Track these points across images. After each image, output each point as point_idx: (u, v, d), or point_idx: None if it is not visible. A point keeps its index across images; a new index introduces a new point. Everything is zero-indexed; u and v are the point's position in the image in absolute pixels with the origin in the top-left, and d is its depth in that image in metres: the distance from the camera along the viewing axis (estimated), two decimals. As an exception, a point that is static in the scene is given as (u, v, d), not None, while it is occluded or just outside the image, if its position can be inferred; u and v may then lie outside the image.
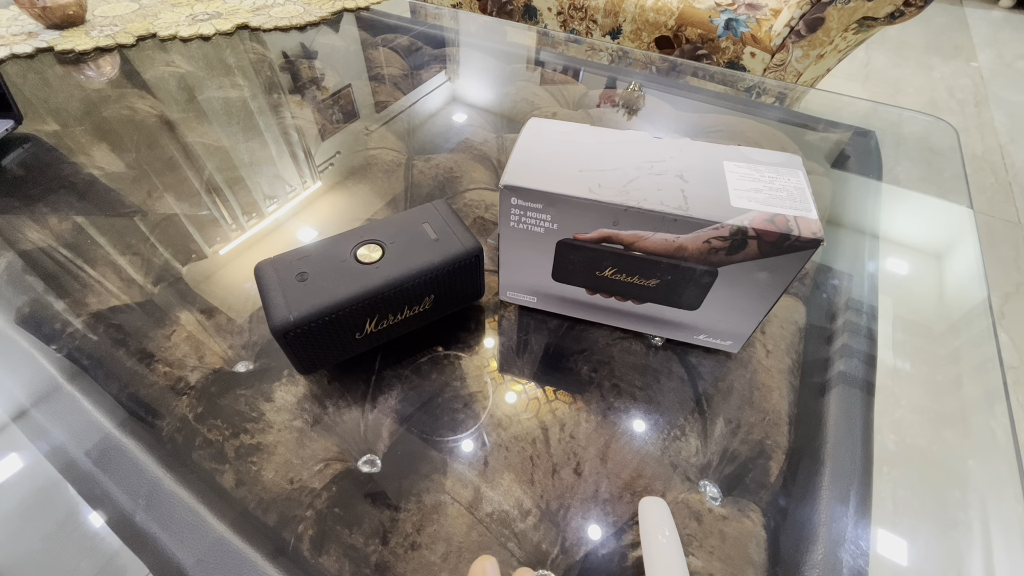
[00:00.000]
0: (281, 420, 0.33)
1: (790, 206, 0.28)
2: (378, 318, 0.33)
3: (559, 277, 0.35)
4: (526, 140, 0.34)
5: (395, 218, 0.36)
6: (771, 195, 0.29)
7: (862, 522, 0.29)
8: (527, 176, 0.31)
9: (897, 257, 0.47)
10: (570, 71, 0.76)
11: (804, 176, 0.31)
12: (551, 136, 0.34)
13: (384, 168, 0.55)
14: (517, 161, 0.32)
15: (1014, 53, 2.29)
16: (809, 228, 0.27)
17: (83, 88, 0.68)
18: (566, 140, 0.34)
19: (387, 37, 0.83)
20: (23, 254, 0.45)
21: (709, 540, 0.28)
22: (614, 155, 0.32)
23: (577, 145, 0.33)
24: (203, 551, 0.28)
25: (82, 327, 0.39)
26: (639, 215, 0.29)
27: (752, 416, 0.34)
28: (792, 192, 0.29)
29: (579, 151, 0.33)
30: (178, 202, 0.50)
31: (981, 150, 1.71)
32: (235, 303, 0.41)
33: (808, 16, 0.96)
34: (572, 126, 0.35)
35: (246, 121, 0.63)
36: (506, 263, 0.36)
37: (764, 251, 0.28)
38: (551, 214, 0.31)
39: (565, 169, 0.31)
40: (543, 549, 0.28)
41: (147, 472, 0.31)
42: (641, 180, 0.30)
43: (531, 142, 0.33)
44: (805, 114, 0.67)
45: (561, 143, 0.33)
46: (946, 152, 0.59)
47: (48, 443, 0.32)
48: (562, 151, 0.33)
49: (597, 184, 0.30)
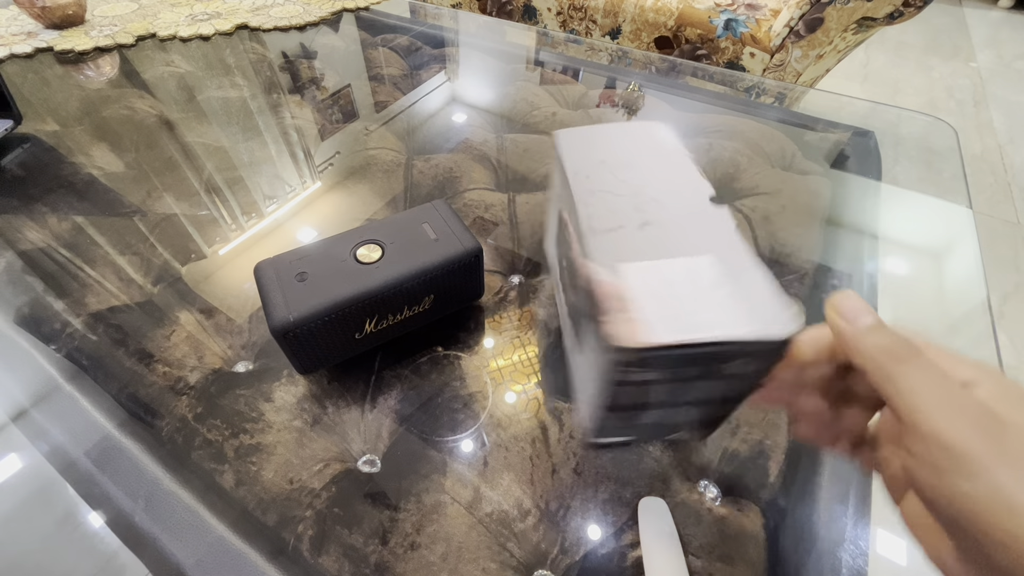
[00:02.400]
0: (281, 420, 0.33)
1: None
2: (378, 318, 0.33)
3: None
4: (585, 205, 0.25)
5: (395, 218, 0.36)
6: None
7: (862, 522, 0.29)
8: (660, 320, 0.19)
9: (896, 257, 0.47)
10: (570, 71, 0.76)
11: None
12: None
13: (384, 168, 0.55)
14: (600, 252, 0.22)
15: (1013, 53, 2.29)
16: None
17: (82, 88, 0.68)
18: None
19: (387, 37, 0.83)
20: (23, 254, 0.44)
21: (709, 540, 0.28)
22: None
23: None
24: (203, 551, 0.28)
25: (81, 327, 0.39)
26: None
27: (752, 416, 0.34)
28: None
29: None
30: (177, 202, 0.50)
31: (980, 150, 1.71)
32: (235, 303, 0.41)
33: (807, 16, 0.96)
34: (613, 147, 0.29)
35: (246, 121, 0.63)
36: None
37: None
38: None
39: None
40: (543, 549, 0.28)
41: (147, 472, 0.31)
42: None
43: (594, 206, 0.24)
44: (804, 114, 0.67)
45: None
46: (945, 152, 0.59)
47: (48, 443, 0.32)
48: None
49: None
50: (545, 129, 0.62)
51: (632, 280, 0.21)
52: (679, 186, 0.27)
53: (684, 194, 0.26)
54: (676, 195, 0.26)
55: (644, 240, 0.23)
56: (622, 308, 0.20)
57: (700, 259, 0.22)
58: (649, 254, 0.22)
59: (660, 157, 0.29)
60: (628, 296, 0.20)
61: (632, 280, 0.21)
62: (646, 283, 0.21)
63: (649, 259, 0.22)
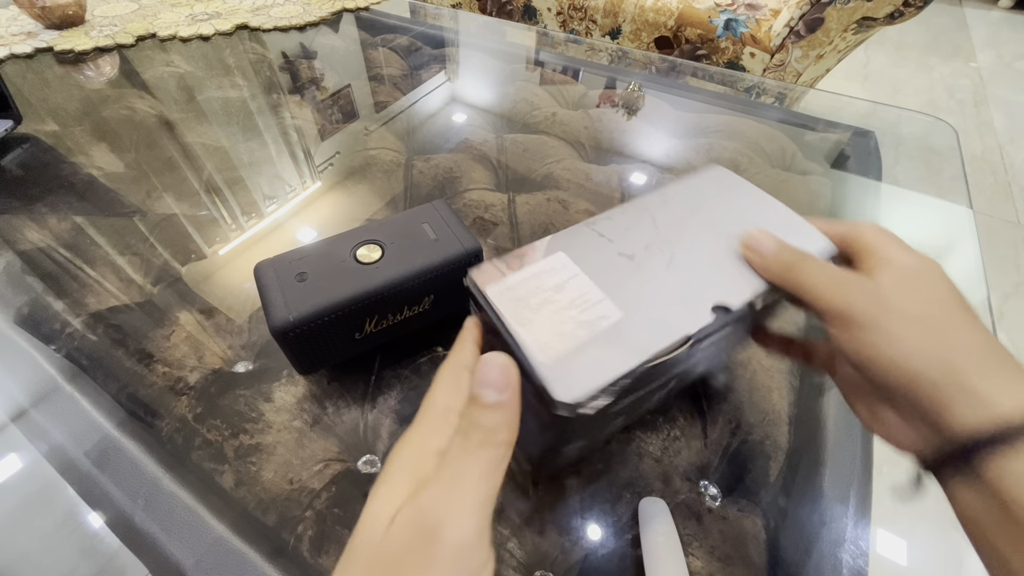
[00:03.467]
0: (281, 420, 0.33)
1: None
2: (377, 318, 0.33)
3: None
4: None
5: (395, 218, 0.36)
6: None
7: (862, 522, 0.29)
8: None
9: (897, 257, 0.47)
10: (570, 71, 0.76)
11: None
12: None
13: (384, 168, 0.55)
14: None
15: (1013, 53, 2.29)
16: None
17: (82, 88, 0.68)
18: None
19: (387, 37, 0.83)
20: (22, 254, 0.44)
21: (709, 540, 0.28)
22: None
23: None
24: (203, 551, 0.28)
25: (81, 327, 0.39)
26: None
27: (752, 416, 0.34)
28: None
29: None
30: (177, 202, 0.50)
31: (980, 150, 1.71)
32: (235, 303, 0.41)
33: (807, 16, 0.96)
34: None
35: (245, 121, 0.63)
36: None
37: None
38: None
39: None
40: (543, 549, 0.28)
41: (146, 472, 0.31)
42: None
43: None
44: (805, 114, 0.67)
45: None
46: (945, 152, 0.59)
47: (47, 443, 0.32)
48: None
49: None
50: (545, 129, 0.62)
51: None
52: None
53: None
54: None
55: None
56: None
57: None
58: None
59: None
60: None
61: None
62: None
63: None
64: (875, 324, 0.19)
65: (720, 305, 0.22)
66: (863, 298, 0.20)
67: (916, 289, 0.20)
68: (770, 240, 0.23)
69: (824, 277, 0.21)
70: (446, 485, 0.16)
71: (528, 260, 0.24)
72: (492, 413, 0.18)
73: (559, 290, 0.23)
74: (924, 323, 0.19)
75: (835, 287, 0.21)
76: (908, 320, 0.19)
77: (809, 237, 0.25)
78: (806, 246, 0.24)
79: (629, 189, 0.53)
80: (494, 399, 0.18)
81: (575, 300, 0.22)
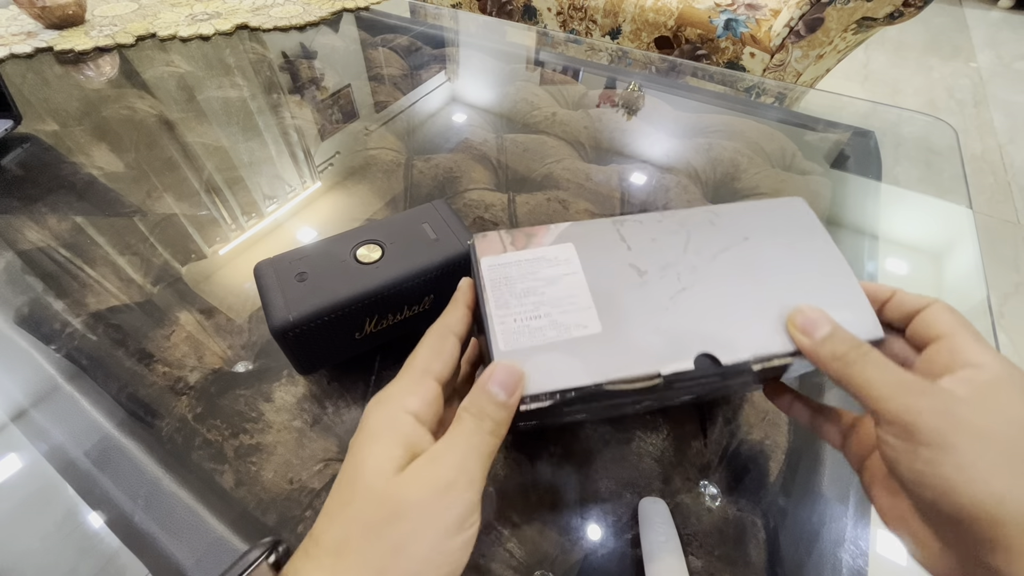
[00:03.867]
0: (281, 420, 0.33)
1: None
2: (378, 318, 0.33)
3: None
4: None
5: (395, 218, 0.36)
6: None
7: (862, 522, 0.29)
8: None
9: (897, 257, 0.47)
10: (570, 71, 0.76)
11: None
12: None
13: (384, 168, 0.55)
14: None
15: (1013, 53, 2.29)
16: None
17: (82, 88, 0.68)
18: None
19: (387, 37, 0.83)
20: (23, 254, 0.44)
21: (709, 540, 0.28)
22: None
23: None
24: (203, 551, 0.28)
25: (81, 327, 0.39)
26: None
27: (752, 416, 0.34)
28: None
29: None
30: (177, 202, 0.50)
31: (980, 150, 1.71)
32: (235, 303, 0.41)
33: (807, 16, 0.96)
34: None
35: (246, 121, 0.63)
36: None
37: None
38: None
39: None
40: (543, 549, 0.28)
41: (146, 472, 0.31)
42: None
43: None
44: (805, 114, 0.68)
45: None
46: (945, 152, 0.59)
47: (47, 443, 0.32)
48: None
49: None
50: (545, 129, 0.62)
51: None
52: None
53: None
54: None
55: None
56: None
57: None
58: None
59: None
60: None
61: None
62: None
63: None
64: (944, 445, 0.16)
65: (708, 355, 0.20)
66: (935, 414, 0.17)
67: (998, 407, 0.17)
68: (824, 323, 0.20)
69: (888, 380, 0.18)
70: (461, 455, 0.18)
71: (535, 242, 0.24)
72: (500, 411, 0.19)
73: (551, 283, 0.22)
74: (1002, 451, 0.16)
75: (902, 395, 0.18)
76: (984, 445, 0.16)
77: (859, 313, 0.22)
78: (853, 322, 0.21)
79: (629, 189, 0.53)
80: (504, 399, 0.19)
81: (561, 299, 0.22)
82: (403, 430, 0.19)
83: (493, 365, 0.20)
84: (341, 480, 0.19)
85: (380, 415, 0.20)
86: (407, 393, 0.20)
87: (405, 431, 0.19)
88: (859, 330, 0.21)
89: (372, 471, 0.18)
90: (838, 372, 0.19)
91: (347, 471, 0.19)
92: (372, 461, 0.18)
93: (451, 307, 0.23)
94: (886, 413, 0.18)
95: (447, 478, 0.18)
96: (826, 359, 0.19)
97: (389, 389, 0.20)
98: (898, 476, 0.18)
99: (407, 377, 0.21)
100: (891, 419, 0.18)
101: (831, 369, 0.19)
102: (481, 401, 0.19)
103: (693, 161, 0.57)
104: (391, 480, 0.17)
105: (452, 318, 0.22)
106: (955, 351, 0.19)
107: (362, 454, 0.19)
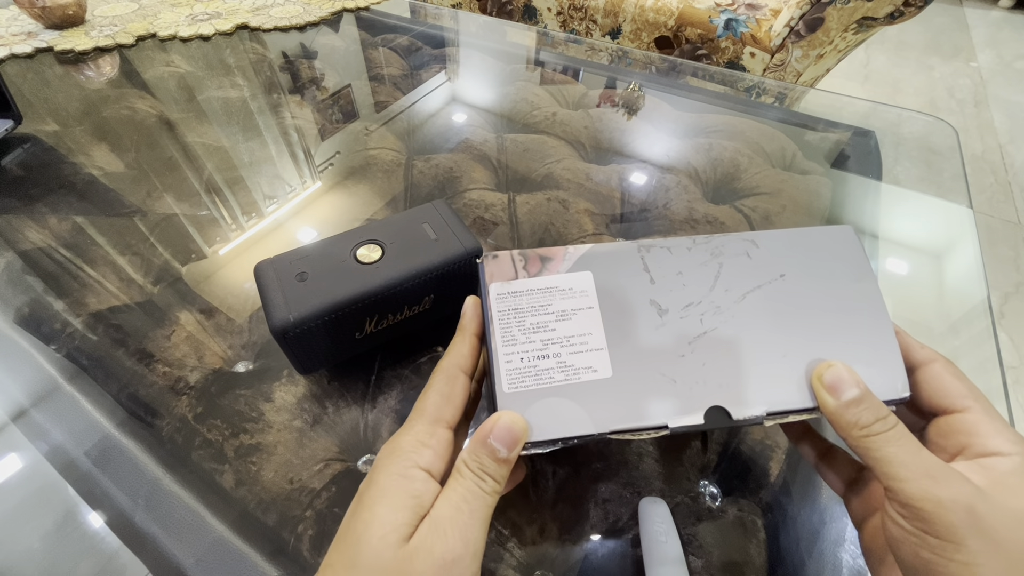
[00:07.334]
0: (281, 420, 0.33)
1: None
2: (378, 318, 0.33)
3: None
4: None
5: (395, 218, 0.36)
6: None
7: (862, 522, 0.29)
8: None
9: (897, 257, 0.47)
10: (570, 71, 0.76)
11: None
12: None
13: (384, 168, 0.55)
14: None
15: (1013, 53, 2.29)
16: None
17: (83, 88, 0.68)
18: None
19: (387, 37, 0.83)
20: (23, 254, 0.44)
21: (709, 540, 0.28)
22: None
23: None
24: (203, 551, 0.28)
25: (82, 327, 0.39)
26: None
27: (752, 416, 0.34)
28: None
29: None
30: (178, 202, 0.50)
31: (981, 150, 1.71)
32: (235, 303, 0.41)
33: (808, 16, 0.96)
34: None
35: (246, 121, 0.63)
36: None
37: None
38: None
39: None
40: (542, 549, 0.28)
41: (147, 472, 0.31)
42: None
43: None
44: (805, 114, 0.67)
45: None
46: (946, 152, 0.59)
47: (48, 443, 0.32)
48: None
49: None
50: (545, 129, 0.62)
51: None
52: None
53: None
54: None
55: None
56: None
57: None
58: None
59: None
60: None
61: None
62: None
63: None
64: (956, 540, 0.16)
65: (720, 407, 0.20)
66: (954, 510, 0.16)
67: (1016, 503, 0.16)
68: (853, 385, 0.19)
69: (910, 463, 0.17)
70: (465, 524, 0.18)
71: (551, 268, 0.22)
72: (501, 467, 0.19)
73: (563, 319, 0.21)
74: (1013, 557, 0.16)
75: (923, 481, 0.17)
76: (995, 548, 0.16)
77: (890, 370, 0.20)
78: (881, 379, 0.20)
79: (629, 189, 0.53)
80: (504, 456, 0.19)
81: (572, 338, 0.20)
82: (413, 489, 0.18)
83: (495, 417, 0.19)
84: (347, 536, 0.18)
85: (391, 470, 0.19)
86: (420, 446, 0.19)
87: (416, 491, 0.18)
88: (887, 388, 0.20)
89: (378, 538, 0.17)
90: (857, 441, 0.18)
91: (354, 527, 0.18)
92: (378, 527, 0.18)
93: (458, 338, 0.22)
94: (901, 494, 0.17)
95: (454, 552, 0.17)
96: (847, 425, 0.19)
97: (400, 439, 0.20)
98: (899, 556, 0.18)
99: (419, 426, 0.20)
100: (906, 502, 0.17)
101: (850, 436, 0.18)
102: (482, 457, 0.19)
103: (693, 161, 0.57)
104: (397, 552, 0.17)
105: (459, 355, 0.21)
106: (973, 433, 0.18)
107: (370, 513, 0.18)
